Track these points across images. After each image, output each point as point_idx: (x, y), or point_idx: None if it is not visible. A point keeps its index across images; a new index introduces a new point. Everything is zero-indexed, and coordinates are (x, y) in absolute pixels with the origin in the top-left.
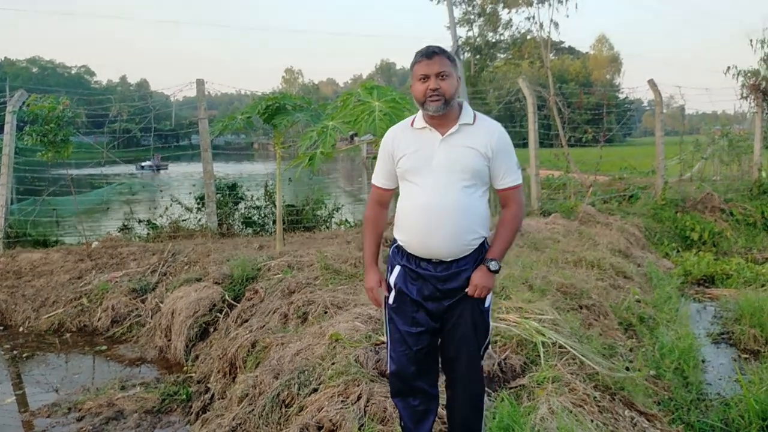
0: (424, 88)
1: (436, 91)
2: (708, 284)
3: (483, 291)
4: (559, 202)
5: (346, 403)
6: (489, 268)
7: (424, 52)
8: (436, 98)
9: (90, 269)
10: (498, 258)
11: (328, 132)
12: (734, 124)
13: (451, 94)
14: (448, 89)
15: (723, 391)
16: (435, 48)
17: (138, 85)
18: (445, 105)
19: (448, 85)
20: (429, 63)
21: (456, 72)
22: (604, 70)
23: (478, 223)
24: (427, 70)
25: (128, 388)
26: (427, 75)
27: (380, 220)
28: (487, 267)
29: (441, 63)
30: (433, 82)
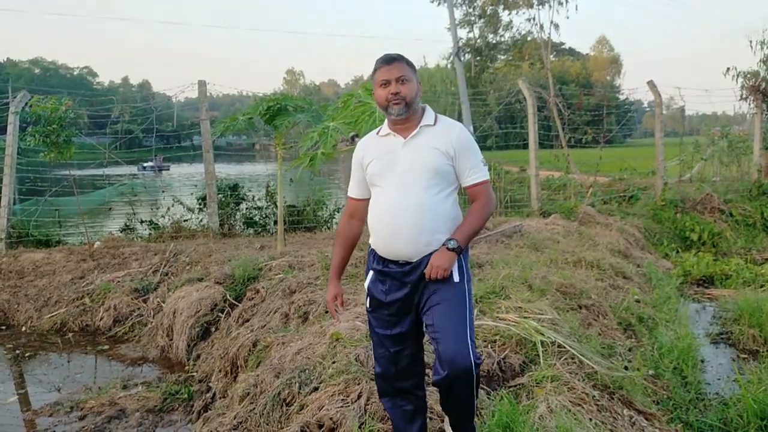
0: (385, 93)
1: (397, 95)
2: (707, 285)
3: (439, 271)
4: (559, 203)
5: (346, 402)
6: (447, 247)
7: (384, 59)
8: (397, 101)
9: (92, 269)
10: (460, 240)
11: (329, 133)
12: (734, 125)
13: (412, 97)
14: (408, 93)
15: (722, 391)
16: (394, 55)
17: (140, 86)
18: (407, 108)
19: (407, 89)
20: (389, 69)
21: (416, 77)
22: (605, 71)
23: (442, 223)
24: (388, 75)
25: (130, 388)
26: (388, 80)
27: (351, 233)
28: (446, 246)
29: (400, 68)
30: (393, 86)
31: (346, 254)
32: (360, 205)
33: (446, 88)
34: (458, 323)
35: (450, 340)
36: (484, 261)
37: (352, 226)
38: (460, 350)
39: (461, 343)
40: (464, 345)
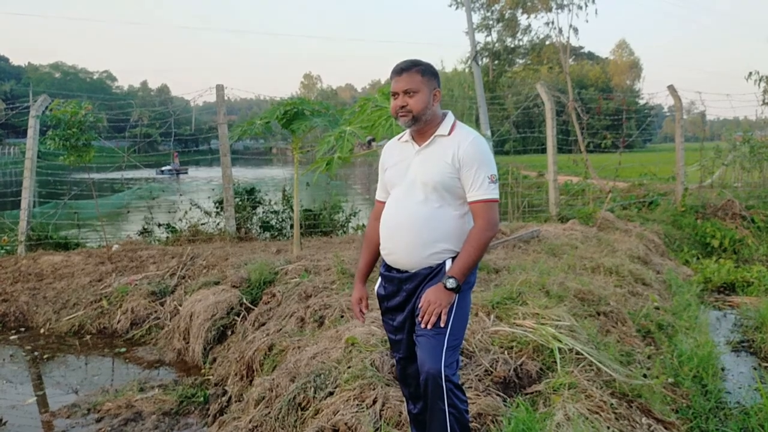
0: (394, 105)
1: (403, 108)
2: (728, 292)
3: (435, 308)
4: (577, 208)
5: (361, 407)
6: (445, 286)
7: (395, 69)
8: (403, 114)
9: (110, 272)
10: (457, 276)
11: (346, 137)
12: (756, 131)
13: (419, 110)
14: (415, 105)
15: (742, 400)
16: (404, 64)
17: (159, 90)
18: (414, 121)
19: (415, 101)
20: (397, 80)
21: (430, 86)
22: (624, 75)
23: (443, 237)
24: (396, 87)
25: (147, 390)
26: (396, 92)
27: (376, 236)
28: (444, 284)
29: (408, 80)
30: (400, 99)
31: (372, 258)
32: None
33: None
34: (437, 329)
35: (425, 345)
36: (501, 266)
37: (377, 228)
38: (429, 355)
39: (434, 350)
40: (436, 351)
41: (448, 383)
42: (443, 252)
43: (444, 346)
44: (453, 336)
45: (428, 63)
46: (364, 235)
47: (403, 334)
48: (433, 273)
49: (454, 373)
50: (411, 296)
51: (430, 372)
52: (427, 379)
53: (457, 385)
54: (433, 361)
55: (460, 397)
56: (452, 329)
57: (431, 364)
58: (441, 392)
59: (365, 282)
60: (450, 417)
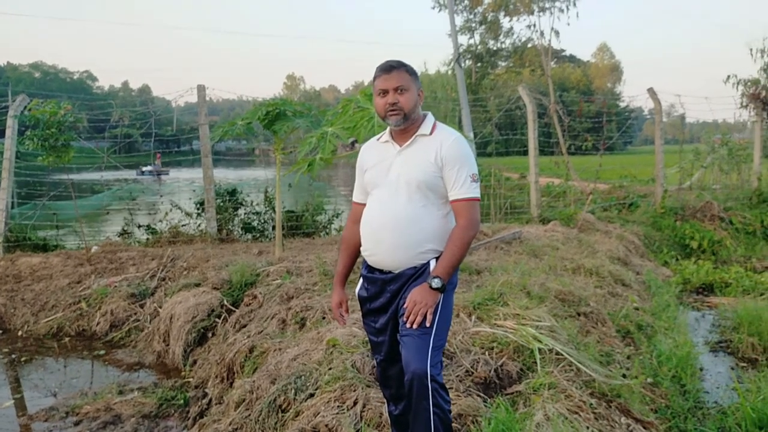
0: (383, 103)
1: (395, 105)
2: (707, 293)
3: (421, 308)
4: (558, 210)
5: (342, 409)
6: (431, 286)
7: (383, 67)
8: (395, 112)
9: (89, 274)
10: (442, 275)
11: (328, 138)
12: (734, 133)
13: (410, 107)
14: (406, 103)
15: (720, 400)
16: (393, 62)
17: (140, 90)
18: (405, 119)
19: (406, 99)
20: (387, 78)
21: (416, 85)
22: (605, 78)
23: (427, 236)
24: (386, 84)
25: (126, 393)
26: (386, 90)
27: (356, 239)
28: (429, 284)
29: (399, 78)
30: (391, 96)
31: (350, 261)
32: (364, 209)
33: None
34: (423, 329)
35: (411, 345)
36: (482, 267)
37: (356, 231)
38: (415, 355)
39: (419, 350)
40: (422, 351)
41: (434, 383)
42: (428, 252)
43: (430, 346)
44: (438, 336)
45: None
46: (342, 237)
47: (386, 336)
48: (417, 273)
49: (439, 373)
50: (395, 297)
51: (416, 372)
52: (412, 379)
53: (441, 385)
54: (419, 361)
55: (444, 397)
56: (437, 329)
57: (417, 364)
58: (426, 392)
59: (344, 285)
60: (434, 417)
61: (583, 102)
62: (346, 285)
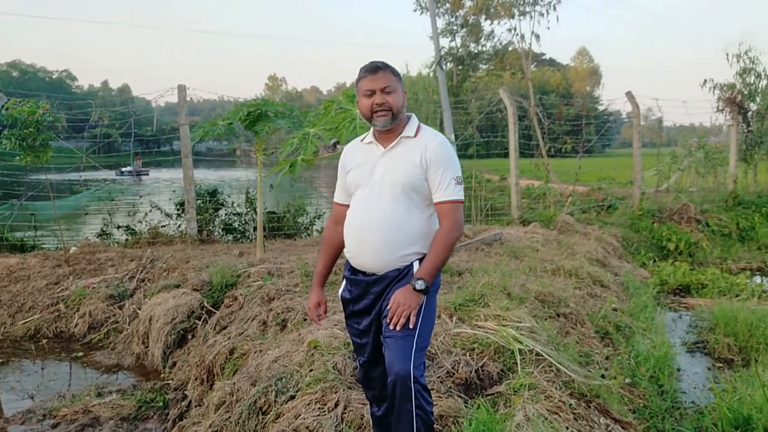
0: (370, 103)
1: (383, 105)
2: (684, 294)
3: (404, 309)
4: (538, 212)
5: (323, 410)
6: (414, 287)
7: (369, 68)
8: (383, 113)
9: (67, 275)
10: (426, 277)
11: (309, 139)
12: (710, 137)
13: (398, 107)
14: (394, 103)
15: (697, 400)
16: (379, 63)
17: (119, 90)
18: (393, 119)
19: (393, 99)
20: (374, 78)
21: (401, 86)
22: (584, 82)
23: (411, 238)
24: (372, 85)
25: (104, 395)
26: (373, 90)
27: (336, 240)
28: (413, 286)
29: (385, 78)
30: (378, 96)
31: (330, 261)
32: (345, 210)
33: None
34: (406, 331)
35: (394, 347)
36: (463, 269)
37: (337, 232)
38: (398, 357)
39: (403, 351)
40: (406, 353)
41: (417, 385)
42: (411, 254)
43: (413, 347)
44: (421, 338)
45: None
46: (322, 238)
47: (369, 337)
48: (401, 275)
49: (422, 374)
50: (378, 299)
51: (399, 373)
52: (396, 380)
53: (424, 386)
54: (403, 363)
55: (426, 398)
56: (420, 331)
57: (400, 365)
58: (409, 394)
59: (323, 286)
60: (417, 418)
61: (563, 105)
62: (328, 286)
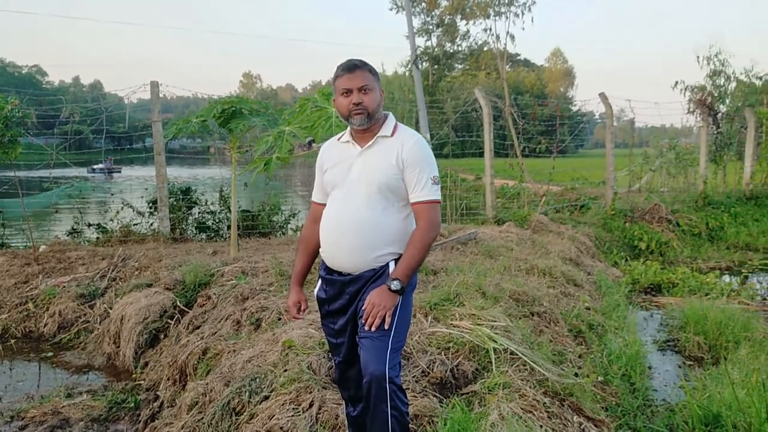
0: (347, 103)
1: (359, 105)
2: (655, 293)
3: (379, 310)
4: (513, 211)
5: (297, 411)
6: (390, 288)
7: (346, 66)
8: (359, 112)
9: (36, 274)
10: (401, 277)
11: (285, 137)
12: (681, 138)
13: (374, 107)
14: (370, 103)
15: (668, 397)
16: (356, 61)
17: (91, 86)
18: (369, 118)
19: (370, 98)
20: (351, 77)
21: (379, 85)
22: (559, 83)
23: (387, 239)
24: (349, 84)
25: (74, 396)
26: (350, 89)
27: (314, 239)
28: (388, 286)
29: (363, 77)
30: (355, 96)
31: (308, 260)
32: (322, 210)
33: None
34: (382, 331)
35: (369, 347)
36: (439, 268)
37: (315, 231)
38: (373, 357)
39: (378, 352)
40: (381, 353)
41: (392, 385)
42: (387, 254)
43: (388, 348)
44: (397, 338)
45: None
46: (300, 237)
47: (344, 337)
48: (376, 275)
49: (397, 375)
50: (354, 299)
51: (374, 374)
52: (371, 381)
53: (399, 386)
54: (378, 363)
55: (402, 398)
56: (396, 331)
57: (375, 366)
58: (384, 394)
59: (302, 285)
60: (392, 419)
61: (537, 105)
62: (306, 285)
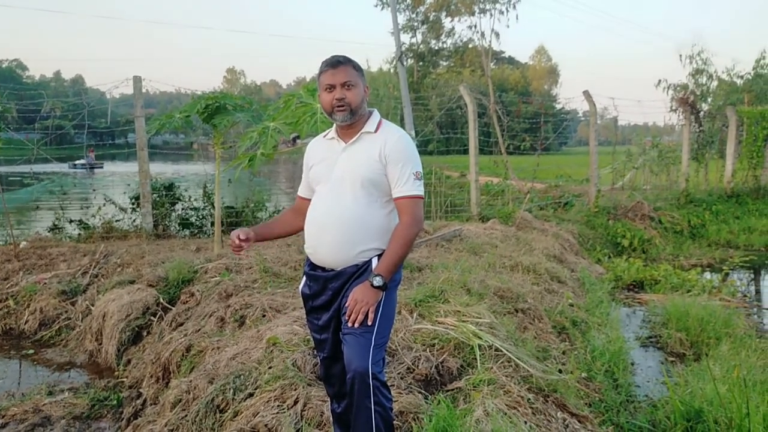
0: (330, 98)
1: (342, 100)
2: (637, 289)
3: (362, 306)
4: (497, 208)
5: (282, 408)
6: (372, 284)
7: (330, 62)
8: (342, 108)
9: (17, 270)
10: (384, 273)
11: (269, 133)
12: (664, 136)
13: (357, 103)
14: (353, 99)
15: (651, 393)
16: (340, 57)
17: (73, 81)
18: (352, 114)
19: (353, 94)
20: (334, 73)
21: (363, 81)
22: (543, 80)
23: (370, 234)
24: (333, 79)
25: (56, 394)
26: (333, 85)
27: (293, 223)
28: (371, 282)
29: (346, 73)
30: (338, 91)
31: (277, 227)
32: (307, 204)
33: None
34: (365, 328)
35: (353, 343)
36: (424, 265)
37: (295, 219)
38: (357, 353)
39: (361, 348)
40: (364, 349)
41: (375, 381)
42: (370, 250)
43: (371, 344)
44: (380, 334)
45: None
46: (279, 216)
47: (328, 333)
48: (359, 271)
49: (380, 371)
50: (337, 295)
51: (358, 370)
52: (354, 377)
53: (383, 383)
54: (361, 360)
55: (386, 395)
56: (379, 327)
57: (358, 362)
58: (368, 390)
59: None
60: (376, 415)
61: (522, 103)
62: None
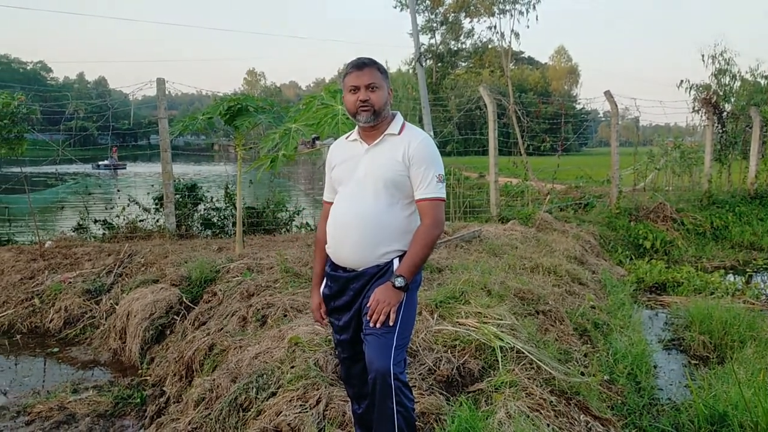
0: (354, 99)
1: (366, 102)
2: (659, 292)
3: (384, 307)
4: (517, 209)
5: (304, 408)
6: (394, 285)
7: (355, 64)
8: (366, 109)
9: (42, 269)
10: (405, 274)
11: (291, 134)
12: (686, 137)
13: (381, 105)
14: (377, 101)
15: (674, 396)
16: (366, 59)
17: (96, 82)
18: (375, 116)
19: (377, 96)
20: (359, 74)
21: (387, 84)
22: (563, 80)
23: (392, 236)
24: (357, 81)
25: (80, 392)
26: (357, 86)
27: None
28: (392, 283)
29: (371, 75)
30: (362, 93)
31: (326, 261)
32: None
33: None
34: (386, 328)
35: (374, 344)
36: (443, 265)
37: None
38: (378, 354)
39: (382, 349)
40: (385, 350)
41: (397, 382)
42: (391, 251)
43: (393, 344)
44: (401, 335)
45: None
46: (316, 239)
47: (349, 333)
48: (380, 272)
49: (402, 371)
50: (358, 296)
51: (379, 371)
52: (375, 377)
53: (405, 383)
54: (382, 360)
55: (407, 395)
56: (400, 328)
57: (380, 362)
58: (389, 391)
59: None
60: (398, 416)
61: (541, 103)
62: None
